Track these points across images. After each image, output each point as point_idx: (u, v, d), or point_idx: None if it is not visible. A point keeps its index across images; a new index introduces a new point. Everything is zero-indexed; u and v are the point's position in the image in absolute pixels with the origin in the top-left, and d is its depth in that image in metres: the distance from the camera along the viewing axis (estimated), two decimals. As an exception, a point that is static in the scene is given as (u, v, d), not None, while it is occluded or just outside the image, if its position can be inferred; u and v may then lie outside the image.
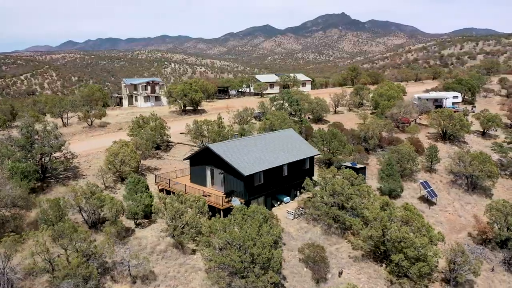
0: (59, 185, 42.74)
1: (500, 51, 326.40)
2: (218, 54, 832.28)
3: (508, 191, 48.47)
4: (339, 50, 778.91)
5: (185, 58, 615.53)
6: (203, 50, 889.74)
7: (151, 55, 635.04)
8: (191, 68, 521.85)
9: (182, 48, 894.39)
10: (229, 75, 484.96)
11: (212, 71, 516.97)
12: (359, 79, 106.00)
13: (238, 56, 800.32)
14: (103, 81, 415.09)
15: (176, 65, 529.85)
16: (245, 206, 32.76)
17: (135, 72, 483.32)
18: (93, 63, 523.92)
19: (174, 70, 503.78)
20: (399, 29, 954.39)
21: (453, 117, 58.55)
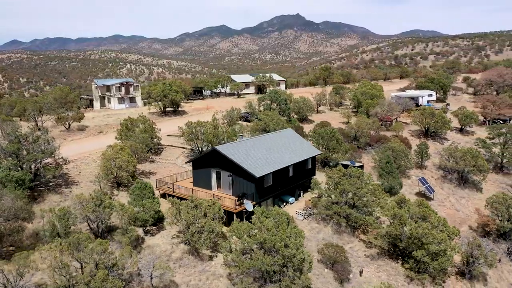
0: (52, 193, 39.92)
1: (448, 51, 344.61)
2: (175, 54, 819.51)
3: (494, 184, 50.89)
4: (295, 51, 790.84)
5: (141, 59, 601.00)
6: (158, 50, 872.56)
7: (105, 55, 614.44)
8: (148, 69, 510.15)
9: (137, 48, 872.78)
10: (187, 76, 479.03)
11: (169, 71, 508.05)
12: (332, 78, 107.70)
13: (195, 56, 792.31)
14: (54, 83, 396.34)
15: (132, 65, 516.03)
16: (264, 209, 31.97)
17: (88, 73, 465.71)
18: (42, 64, 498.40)
19: (130, 70, 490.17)
20: (352, 30, 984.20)
21: (435, 114, 60.69)
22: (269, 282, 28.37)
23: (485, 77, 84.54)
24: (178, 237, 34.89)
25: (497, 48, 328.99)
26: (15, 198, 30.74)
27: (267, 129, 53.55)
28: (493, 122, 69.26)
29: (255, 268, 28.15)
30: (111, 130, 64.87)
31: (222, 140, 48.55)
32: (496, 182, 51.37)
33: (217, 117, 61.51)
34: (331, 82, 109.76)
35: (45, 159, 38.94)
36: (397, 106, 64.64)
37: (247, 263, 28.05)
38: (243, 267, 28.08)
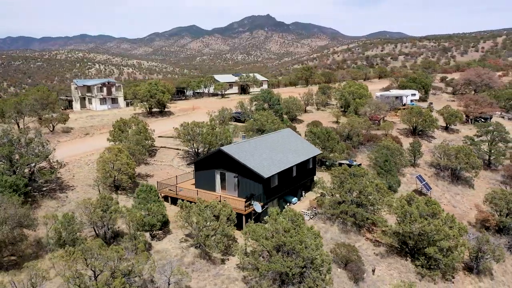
0: (47, 199, 38.10)
1: (417, 52, 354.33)
2: (144, 54, 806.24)
3: (484, 180, 52.48)
4: (267, 51, 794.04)
5: (110, 59, 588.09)
6: (127, 50, 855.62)
7: (71, 55, 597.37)
8: (118, 69, 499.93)
9: (105, 48, 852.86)
10: (158, 76, 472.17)
11: (140, 72, 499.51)
12: (313, 79, 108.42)
13: (166, 56, 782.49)
14: (19, 84, 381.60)
15: (101, 65, 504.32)
16: (278, 210, 31.54)
17: (55, 74, 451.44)
18: (4, 64, 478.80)
19: (99, 71, 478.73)
20: (321, 31, 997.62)
21: (422, 113, 62.04)
22: (288, 284, 27.96)
23: (464, 77, 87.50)
24: (187, 241, 33.98)
25: (462, 50, 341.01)
26: (17, 204, 28.98)
27: (262, 129, 53.12)
28: (475, 120, 71.60)
29: (274, 271, 27.69)
30: (97, 132, 62.84)
31: (220, 140, 47.78)
32: (485, 178, 52.98)
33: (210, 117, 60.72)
34: (312, 82, 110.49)
35: (39, 162, 37.05)
36: (385, 106, 65.68)
37: (267, 266, 27.54)
38: (262, 270, 27.54)
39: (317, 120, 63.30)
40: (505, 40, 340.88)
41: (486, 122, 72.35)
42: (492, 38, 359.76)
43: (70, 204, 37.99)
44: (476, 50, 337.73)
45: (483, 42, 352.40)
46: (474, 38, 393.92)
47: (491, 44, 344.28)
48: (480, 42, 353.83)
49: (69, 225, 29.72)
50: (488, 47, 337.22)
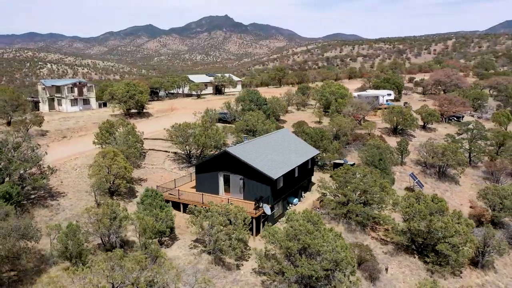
0: (38, 207, 35.39)
1: (374, 54, 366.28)
2: (99, 54, 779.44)
3: (468, 177, 54.59)
4: (226, 52, 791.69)
5: (62, 58, 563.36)
6: (80, 49, 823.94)
7: (20, 54, 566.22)
8: (72, 69, 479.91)
9: (56, 47, 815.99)
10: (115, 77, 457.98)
11: (95, 72, 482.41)
12: (286, 79, 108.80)
13: (122, 56, 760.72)
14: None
15: (53, 65, 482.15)
16: (294, 211, 31.00)
17: (3, 73, 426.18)
18: None
19: (51, 71, 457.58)
20: (279, 33, 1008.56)
21: (403, 113, 63.72)
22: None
23: (433, 78, 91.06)
24: (197, 247, 32.70)
25: (416, 52, 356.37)
26: (19, 215, 26.58)
27: (253, 130, 52.39)
28: (449, 119, 74.60)
29: (299, 275, 27.10)
30: (75, 135, 59.59)
31: (213, 142, 46.57)
32: (468, 175, 55.11)
33: (196, 118, 59.24)
34: (285, 83, 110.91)
35: (29, 168, 34.35)
36: (366, 105, 66.89)
37: (293, 270, 26.90)
38: (289, 274, 26.86)
39: (302, 120, 63.37)
40: (455, 43, 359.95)
41: (459, 120, 75.65)
42: (443, 41, 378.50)
43: (65, 212, 35.58)
44: (429, 52, 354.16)
45: (435, 44, 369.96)
46: (425, 41, 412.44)
47: (442, 46, 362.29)
48: (432, 44, 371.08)
49: (75, 235, 27.63)
50: (439, 49, 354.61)
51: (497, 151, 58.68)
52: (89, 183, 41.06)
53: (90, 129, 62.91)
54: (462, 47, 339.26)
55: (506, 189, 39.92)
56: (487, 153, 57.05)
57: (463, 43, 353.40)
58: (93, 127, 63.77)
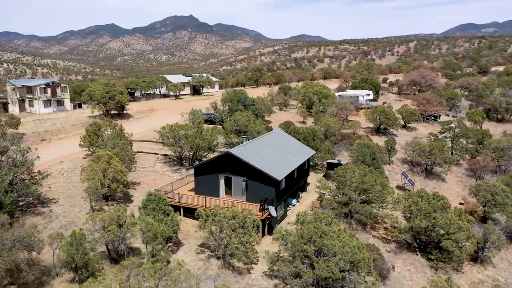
0: (29, 215, 33.26)
1: (340, 55, 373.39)
2: (59, 53, 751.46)
3: (453, 174, 56.15)
4: (191, 52, 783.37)
5: (19, 58, 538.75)
6: (38, 49, 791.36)
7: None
8: (30, 69, 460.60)
9: (12, 46, 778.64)
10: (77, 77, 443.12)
11: (56, 72, 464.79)
12: (263, 79, 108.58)
13: (83, 56, 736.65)
14: None
15: (10, 65, 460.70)
16: (305, 212, 30.57)
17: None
18: None
19: (8, 70, 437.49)
20: (245, 33, 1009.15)
21: (386, 112, 64.88)
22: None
23: (408, 78, 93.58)
24: (203, 252, 31.64)
25: (380, 53, 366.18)
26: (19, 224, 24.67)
27: (244, 131, 51.66)
28: (427, 118, 76.73)
29: (317, 277, 26.70)
30: (54, 138, 56.77)
31: (207, 143, 45.50)
32: (452, 172, 56.70)
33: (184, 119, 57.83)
34: (262, 83, 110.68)
35: (21, 174, 32.16)
36: (350, 105, 67.64)
37: (311, 273, 26.45)
38: (307, 277, 26.39)
39: (289, 121, 63.15)
40: (416, 45, 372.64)
41: (436, 120, 77.96)
42: (405, 43, 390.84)
43: (59, 220, 33.57)
44: (392, 54, 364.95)
45: (397, 46, 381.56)
46: (388, 43, 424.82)
47: (404, 48, 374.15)
48: (395, 46, 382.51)
49: (80, 244, 25.97)
50: (402, 51, 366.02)
51: (477, 148, 60.78)
52: (80, 188, 39.14)
53: (70, 131, 60.18)
54: (424, 49, 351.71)
55: (497, 186, 41.26)
56: (468, 151, 58.96)
57: (424, 45, 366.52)
58: (73, 129, 61.08)
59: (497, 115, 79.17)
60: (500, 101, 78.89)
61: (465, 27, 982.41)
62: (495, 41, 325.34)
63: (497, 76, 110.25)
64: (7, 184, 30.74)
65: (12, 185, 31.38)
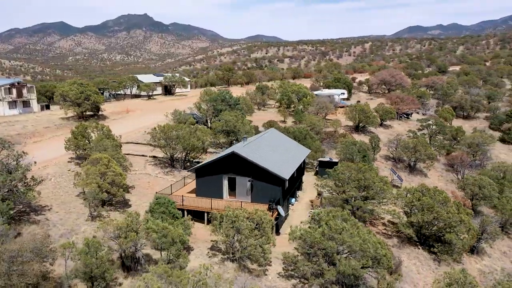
0: (24, 224, 30.93)
1: (299, 55, 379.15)
2: (3, 52, 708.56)
3: (434, 170, 58.30)
4: (147, 52, 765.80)
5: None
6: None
7: None
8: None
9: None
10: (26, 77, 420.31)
11: (2, 72, 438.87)
12: (235, 79, 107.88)
13: (30, 55, 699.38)
14: None
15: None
16: (321, 211, 30.53)
17: None
18: None
19: None
20: (201, 33, 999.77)
21: (365, 111, 66.39)
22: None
23: (379, 77, 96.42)
24: (215, 255, 30.80)
25: (338, 54, 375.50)
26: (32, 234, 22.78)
27: (234, 131, 50.96)
28: (400, 116, 79.31)
29: (340, 275, 26.71)
30: (29, 141, 53.26)
31: (201, 144, 44.46)
32: (433, 167, 58.91)
33: (168, 119, 56.31)
34: (233, 83, 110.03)
35: (19, 180, 29.84)
36: (330, 104, 68.63)
37: (334, 271, 26.42)
38: (330, 276, 26.32)
39: (272, 120, 63.15)
40: (372, 46, 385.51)
41: (408, 117, 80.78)
42: (360, 44, 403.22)
43: (57, 228, 31.46)
44: (349, 54, 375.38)
45: (354, 47, 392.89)
46: (345, 43, 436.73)
47: (360, 49, 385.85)
48: (351, 47, 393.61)
49: (96, 253, 24.43)
50: (358, 51, 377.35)
51: (451, 144, 63.55)
52: (71, 194, 37.09)
53: (44, 134, 56.77)
54: (379, 50, 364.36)
55: (484, 179, 43.27)
56: (445, 147, 61.53)
57: (379, 46, 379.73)
58: (47, 132, 57.69)
59: (463, 112, 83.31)
60: (465, 99, 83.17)
61: (412, 29, 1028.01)
62: (444, 43, 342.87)
63: (456, 76, 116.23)
64: (6, 192, 28.36)
65: (12, 191, 29.00)
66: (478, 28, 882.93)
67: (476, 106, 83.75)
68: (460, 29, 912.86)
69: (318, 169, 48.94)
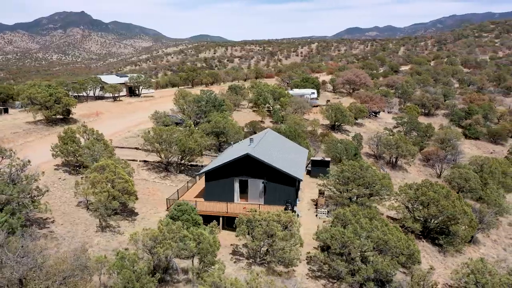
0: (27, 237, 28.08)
1: (248, 55, 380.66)
2: None
3: (413, 166, 60.96)
4: (86, 51, 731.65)
5: None
6: None
7: None
8: None
9: None
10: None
11: None
12: (200, 79, 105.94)
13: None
14: None
15: None
16: (346, 211, 30.80)
17: None
18: None
19: None
20: (143, 32, 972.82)
21: (342, 110, 68.12)
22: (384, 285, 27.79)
23: (344, 77, 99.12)
24: (239, 260, 30.10)
25: (285, 54, 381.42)
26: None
27: (223, 132, 50.13)
28: (369, 114, 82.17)
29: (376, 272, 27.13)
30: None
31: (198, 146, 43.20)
32: (414, 164, 61.59)
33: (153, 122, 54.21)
34: (197, 83, 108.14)
35: (29, 192, 27.23)
36: (307, 104, 69.56)
37: (371, 268, 26.77)
38: (369, 273, 26.64)
39: (254, 120, 62.90)
40: (318, 47, 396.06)
41: (376, 116, 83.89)
42: (307, 44, 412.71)
43: (67, 241, 29.18)
44: (297, 54, 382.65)
45: (301, 47, 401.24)
46: (292, 44, 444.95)
47: (307, 49, 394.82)
48: (298, 47, 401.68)
49: (133, 266, 22.91)
50: (305, 52, 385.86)
51: (422, 140, 66.92)
52: (71, 204, 34.60)
53: (14, 140, 52.24)
54: (325, 50, 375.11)
55: (469, 173, 46.00)
56: (419, 143, 64.68)
57: (325, 47, 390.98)
58: (17, 137, 53.19)
59: (424, 109, 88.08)
60: (427, 97, 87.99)
61: (351, 30, 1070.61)
62: (385, 44, 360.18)
63: (410, 75, 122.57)
64: (16, 205, 25.73)
65: (21, 206, 26.37)
66: (411, 30, 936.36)
67: (436, 103, 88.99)
68: (395, 31, 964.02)
69: (311, 168, 49.36)
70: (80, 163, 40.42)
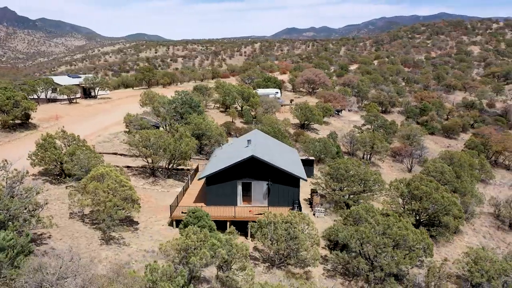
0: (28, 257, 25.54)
1: (192, 55, 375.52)
2: None
3: (385, 163, 63.18)
4: (12, 50, 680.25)
5: None
6: None
7: None
8: None
9: None
10: None
11: None
12: (156, 79, 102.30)
13: None
14: None
15: None
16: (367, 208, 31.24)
17: None
18: None
19: None
20: (75, 30, 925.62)
21: (311, 109, 69.28)
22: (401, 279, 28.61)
23: (304, 77, 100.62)
24: (256, 265, 29.48)
25: (229, 53, 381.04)
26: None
27: (205, 134, 48.92)
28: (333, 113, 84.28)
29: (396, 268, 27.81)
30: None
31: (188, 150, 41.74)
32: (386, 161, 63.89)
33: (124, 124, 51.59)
34: (153, 84, 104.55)
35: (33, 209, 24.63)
36: (278, 104, 69.81)
37: (392, 264, 27.40)
38: (388, 268, 27.25)
39: (229, 121, 62.07)
40: (261, 46, 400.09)
41: (339, 114, 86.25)
42: (250, 44, 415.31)
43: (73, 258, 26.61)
44: (240, 54, 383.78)
45: (244, 47, 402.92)
46: (234, 43, 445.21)
47: (250, 49, 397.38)
48: (241, 47, 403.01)
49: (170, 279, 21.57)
50: (249, 51, 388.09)
51: (388, 137, 69.88)
52: (62, 217, 31.86)
53: (-27, 148, 47.15)
54: (268, 50, 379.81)
55: (444, 166, 48.73)
56: (387, 139, 67.40)
57: (268, 46, 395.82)
58: (-25, 145, 48.01)
59: (382, 107, 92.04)
60: (384, 95, 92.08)
61: (290, 30, 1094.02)
62: (326, 44, 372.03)
63: (361, 74, 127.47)
64: (22, 221, 23.10)
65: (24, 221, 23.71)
66: (345, 31, 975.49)
67: (392, 101, 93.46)
68: (330, 32, 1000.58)
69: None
70: (61, 171, 37.45)
